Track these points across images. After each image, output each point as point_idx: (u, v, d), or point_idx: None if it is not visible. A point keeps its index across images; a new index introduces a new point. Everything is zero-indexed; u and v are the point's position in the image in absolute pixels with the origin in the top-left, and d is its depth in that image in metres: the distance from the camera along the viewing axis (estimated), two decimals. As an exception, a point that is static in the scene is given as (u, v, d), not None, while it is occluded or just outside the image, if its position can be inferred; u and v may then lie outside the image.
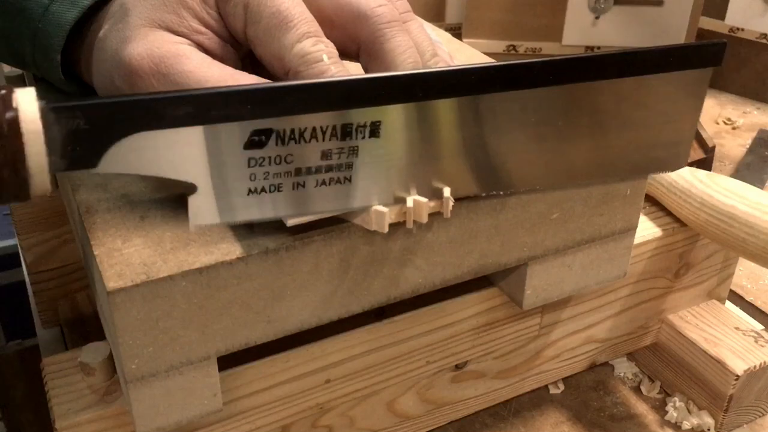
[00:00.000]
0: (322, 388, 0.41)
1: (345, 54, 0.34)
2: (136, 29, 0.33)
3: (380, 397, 0.43)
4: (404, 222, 0.33)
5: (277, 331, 0.34)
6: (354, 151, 0.31)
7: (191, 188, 0.29)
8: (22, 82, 0.60)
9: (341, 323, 0.37)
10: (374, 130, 0.31)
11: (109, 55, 0.33)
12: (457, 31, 0.89)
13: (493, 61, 0.36)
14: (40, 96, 0.27)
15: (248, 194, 0.30)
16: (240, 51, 0.35)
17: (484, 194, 0.35)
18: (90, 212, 0.34)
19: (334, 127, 0.30)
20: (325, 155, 0.31)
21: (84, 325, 0.56)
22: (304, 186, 0.31)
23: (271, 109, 0.29)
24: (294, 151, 0.30)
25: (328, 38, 0.33)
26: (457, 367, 0.45)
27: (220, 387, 0.34)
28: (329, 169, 0.31)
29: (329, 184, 0.31)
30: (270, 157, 0.30)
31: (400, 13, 0.35)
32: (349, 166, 0.31)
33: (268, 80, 0.32)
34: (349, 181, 0.31)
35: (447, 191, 0.33)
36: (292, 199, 0.31)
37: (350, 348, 0.40)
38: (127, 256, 0.31)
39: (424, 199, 0.33)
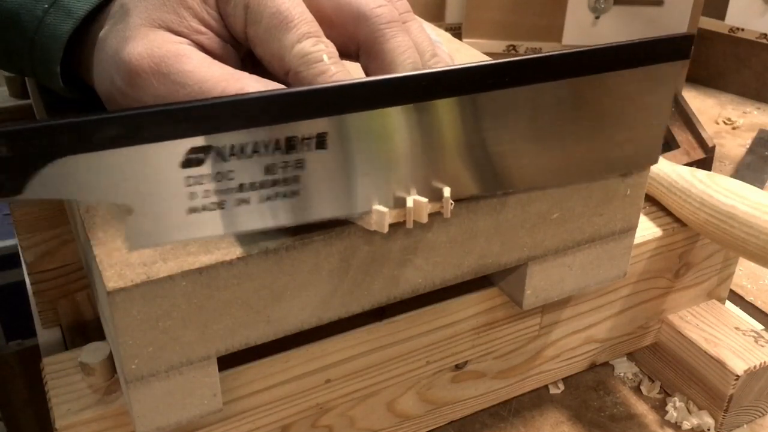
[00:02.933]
0: (322, 388, 0.41)
1: (345, 54, 0.34)
2: (137, 29, 0.33)
3: (380, 397, 0.43)
4: (404, 222, 0.33)
5: (277, 331, 0.34)
6: (300, 164, 0.30)
7: (127, 210, 0.28)
8: (22, 83, 0.60)
9: (341, 323, 0.37)
10: (320, 141, 0.30)
11: (109, 55, 0.33)
12: (457, 31, 0.89)
13: (489, 59, 0.36)
14: None
15: (189, 213, 0.29)
16: (240, 51, 0.35)
17: (476, 195, 0.35)
18: (90, 212, 0.34)
19: (277, 141, 0.29)
20: (269, 170, 0.30)
21: (84, 325, 0.56)
22: (248, 202, 0.30)
23: (207, 125, 0.28)
24: (235, 167, 0.29)
25: (328, 38, 0.33)
26: (457, 367, 0.45)
27: (220, 387, 0.34)
28: (274, 183, 0.30)
29: (275, 198, 0.30)
30: (210, 175, 0.29)
31: (400, 14, 0.35)
32: (296, 179, 0.30)
33: (268, 80, 0.32)
34: (297, 194, 0.31)
35: (447, 191, 0.33)
36: (236, 215, 0.30)
37: (350, 348, 0.40)
38: (127, 256, 0.31)
39: (424, 200, 0.33)
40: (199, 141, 0.28)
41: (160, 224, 0.29)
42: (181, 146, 0.28)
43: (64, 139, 0.26)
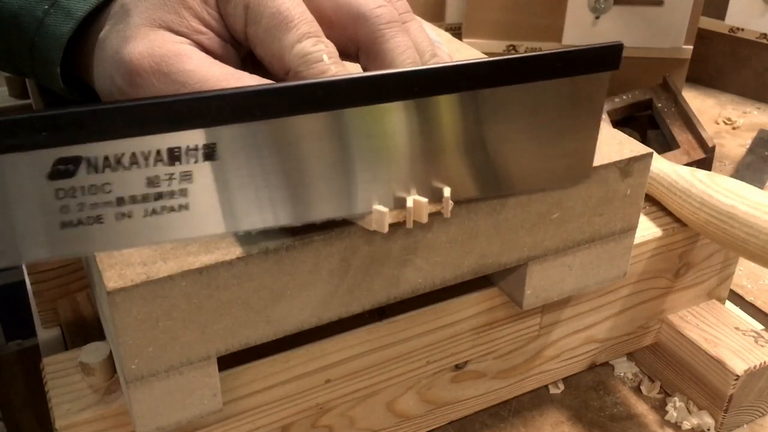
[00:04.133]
0: (322, 388, 0.41)
1: (345, 54, 0.34)
2: (137, 29, 0.33)
3: (380, 397, 0.43)
4: (404, 222, 0.33)
5: (276, 331, 0.34)
6: (187, 177, 0.28)
7: None
8: (22, 83, 0.60)
9: (341, 323, 0.37)
10: (209, 153, 0.28)
11: (109, 55, 0.33)
12: (457, 31, 0.89)
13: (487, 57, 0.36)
14: None
15: (62, 228, 0.27)
16: (240, 51, 0.35)
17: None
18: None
19: (158, 152, 0.27)
20: (152, 182, 0.28)
21: (84, 325, 0.56)
22: (130, 216, 0.28)
23: (76, 134, 0.26)
24: (112, 179, 0.27)
25: (327, 39, 0.33)
26: (457, 367, 0.45)
27: (220, 387, 0.34)
28: (158, 197, 0.28)
29: (162, 212, 0.29)
30: (83, 187, 0.27)
31: (399, 14, 0.35)
32: (183, 192, 0.29)
33: (269, 80, 0.32)
34: (186, 208, 0.29)
35: (447, 191, 0.33)
36: (118, 230, 0.28)
37: (350, 348, 0.40)
38: (127, 256, 0.31)
39: (424, 200, 0.33)
40: (68, 151, 0.26)
41: (34, 238, 0.27)
42: (47, 157, 0.26)
43: None
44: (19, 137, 0.26)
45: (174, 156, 0.28)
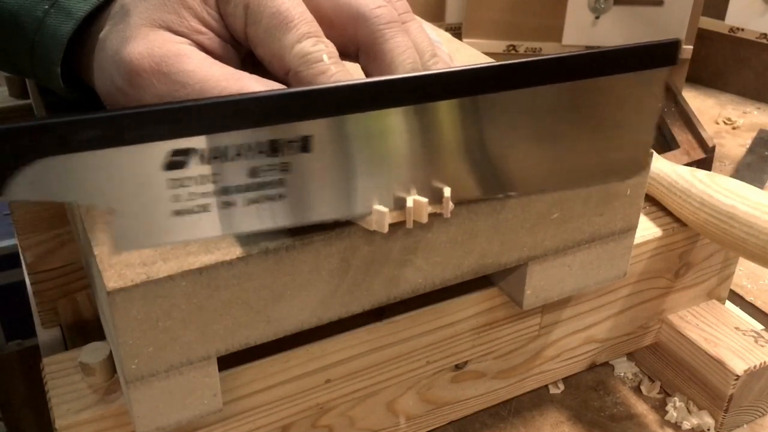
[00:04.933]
0: (322, 388, 0.41)
1: (345, 55, 0.34)
2: (137, 29, 0.33)
3: (380, 397, 0.43)
4: (404, 222, 0.33)
5: (276, 331, 0.34)
6: (285, 168, 0.30)
7: (110, 212, 0.28)
8: (22, 83, 0.60)
9: (341, 323, 0.37)
10: (305, 145, 0.30)
11: (109, 55, 0.33)
12: (457, 31, 0.89)
13: (492, 60, 0.36)
14: None
15: (173, 216, 0.29)
16: (240, 51, 0.35)
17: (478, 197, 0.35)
18: (90, 213, 0.34)
19: (261, 144, 0.29)
20: (254, 173, 0.29)
21: (84, 325, 0.56)
22: (234, 205, 0.30)
23: (189, 128, 0.28)
24: (219, 170, 0.29)
25: (327, 39, 0.33)
26: (457, 367, 0.45)
27: (220, 387, 0.34)
28: (260, 186, 0.30)
29: (261, 201, 0.30)
30: (193, 177, 0.28)
31: (399, 14, 0.35)
32: (281, 182, 0.30)
33: (269, 80, 0.32)
34: (283, 197, 0.31)
35: (447, 191, 0.33)
36: (221, 218, 0.30)
37: (350, 348, 0.40)
38: (127, 256, 0.31)
39: (424, 200, 0.33)
40: (182, 143, 0.28)
41: (146, 227, 0.29)
42: (163, 148, 0.28)
43: (44, 140, 0.26)
44: (139, 129, 0.27)
45: (275, 148, 0.29)
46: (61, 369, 0.37)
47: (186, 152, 0.28)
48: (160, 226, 0.29)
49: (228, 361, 0.36)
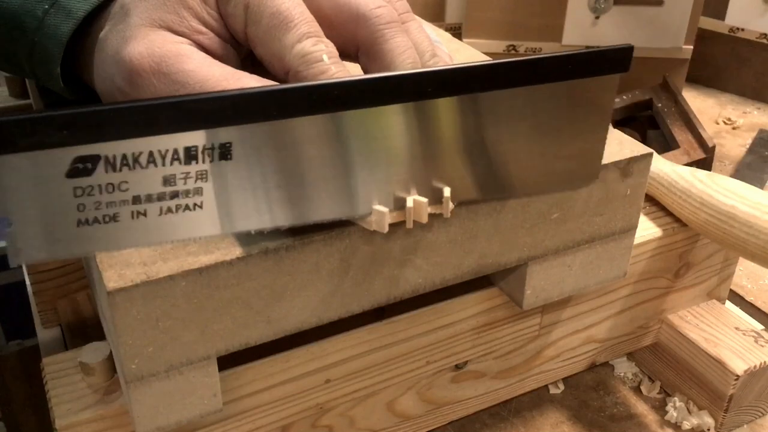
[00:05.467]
0: (322, 388, 0.41)
1: (345, 55, 0.34)
2: (137, 29, 0.33)
3: (380, 397, 0.43)
4: (404, 222, 0.33)
5: (277, 331, 0.34)
6: (203, 176, 0.29)
7: (6, 223, 0.27)
8: (22, 83, 0.60)
9: (341, 323, 0.37)
10: (225, 152, 0.28)
11: (109, 55, 0.33)
12: (457, 31, 0.89)
13: (490, 59, 0.36)
14: None
15: (78, 226, 0.28)
16: (240, 51, 0.35)
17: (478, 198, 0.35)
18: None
19: (175, 151, 0.28)
20: (168, 181, 0.28)
21: (84, 325, 0.56)
22: (145, 214, 0.28)
23: (95, 134, 0.26)
24: (129, 178, 0.27)
25: (327, 38, 0.33)
26: (457, 367, 0.45)
27: (220, 387, 0.34)
28: (174, 195, 0.29)
29: (176, 211, 0.29)
30: (100, 185, 0.27)
31: (399, 14, 0.35)
32: (198, 191, 0.29)
33: (269, 80, 0.32)
34: (201, 207, 0.29)
35: (447, 191, 0.33)
36: (131, 229, 0.28)
37: (350, 348, 0.40)
38: (127, 256, 0.31)
39: (424, 200, 0.33)
40: (87, 150, 0.26)
41: (47, 237, 0.27)
42: (66, 155, 0.26)
43: None
44: (39, 135, 0.26)
45: (191, 155, 0.28)
46: (61, 369, 0.37)
47: (92, 159, 0.27)
48: (64, 237, 0.28)
49: (228, 361, 0.36)
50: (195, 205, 0.29)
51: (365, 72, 0.35)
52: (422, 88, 0.31)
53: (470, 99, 0.32)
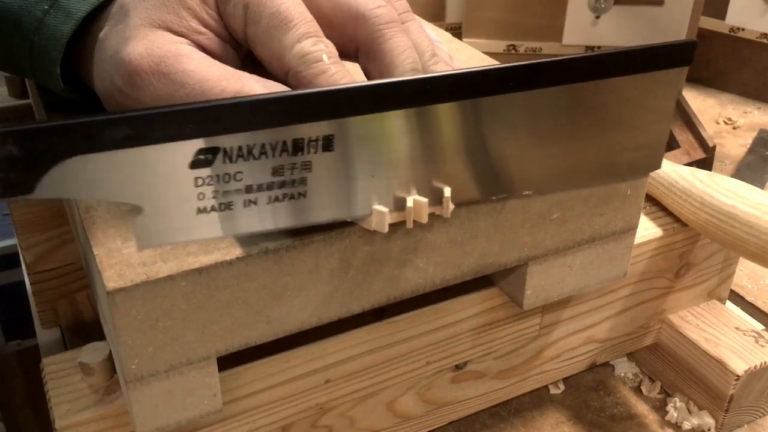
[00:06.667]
0: (322, 388, 0.41)
1: (344, 55, 0.34)
2: (136, 29, 0.32)
3: (380, 397, 0.43)
4: (404, 222, 0.33)
5: (276, 331, 0.34)
6: (307, 166, 0.30)
7: (136, 210, 0.28)
8: (22, 83, 0.60)
9: (341, 323, 0.37)
10: (327, 144, 0.30)
11: (109, 56, 0.33)
12: (457, 31, 0.89)
13: (495, 61, 0.36)
14: None
15: (197, 214, 0.29)
16: (240, 51, 0.35)
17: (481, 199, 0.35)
18: (90, 212, 0.34)
19: (284, 143, 0.29)
20: (277, 171, 0.30)
21: (84, 325, 0.56)
22: (256, 203, 0.30)
23: (215, 127, 0.28)
24: (243, 169, 0.29)
25: (327, 38, 0.33)
26: (457, 367, 0.45)
27: (219, 387, 0.34)
28: (282, 185, 0.30)
29: (283, 199, 0.31)
30: (218, 176, 0.29)
31: (399, 14, 0.35)
32: (303, 181, 0.31)
33: (268, 80, 0.32)
34: (304, 196, 0.31)
35: (447, 191, 0.33)
36: (244, 216, 0.30)
37: (350, 348, 0.40)
38: (126, 256, 0.31)
39: (424, 200, 0.33)
40: (208, 142, 0.28)
41: (170, 224, 0.29)
42: (190, 147, 0.28)
43: (75, 139, 0.26)
44: (168, 129, 0.27)
45: (297, 147, 0.30)
46: (60, 369, 0.37)
47: (212, 151, 0.28)
48: (184, 224, 0.29)
49: (228, 361, 0.36)
50: (299, 194, 0.31)
51: (365, 72, 0.35)
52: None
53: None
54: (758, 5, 0.93)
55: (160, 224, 0.29)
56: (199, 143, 0.28)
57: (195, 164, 0.28)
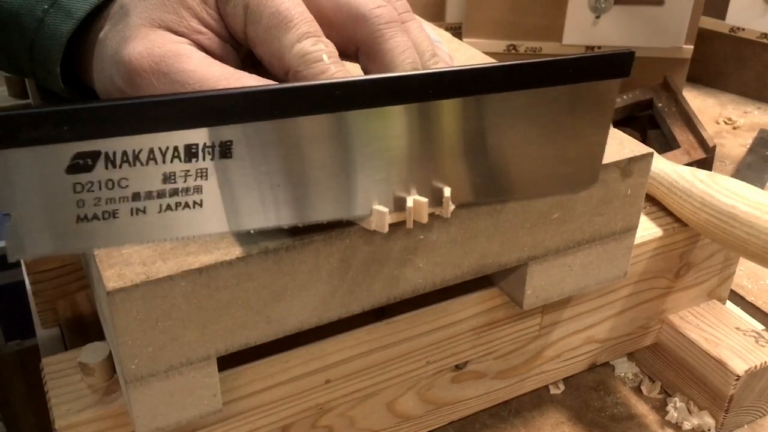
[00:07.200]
0: (321, 388, 0.41)
1: (344, 54, 0.34)
2: (136, 29, 0.32)
3: (380, 397, 0.43)
4: (404, 222, 0.33)
5: (276, 331, 0.34)
6: (203, 174, 0.29)
7: (5, 217, 0.27)
8: (22, 83, 0.60)
9: (341, 323, 0.37)
10: (225, 150, 0.28)
11: (109, 55, 0.33)
12: (457, 31, 0.89)
13: (494, 61, 0.36)
14: None
15: (77, 222, 0.27)
16: (240, 51, 0.35)
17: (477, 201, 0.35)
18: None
19: (175, 148, 0.28)
20: (168, 179, 0.28)
21: (84, 325, 0.56)
22: (144, 212, 0.28)
23: (96, 129, 0.26)
24: (129, 175, 0.27)
25: (327, 38, 0.33)
26: (457, 367, 0.45)
27: (219, 387, 0.34)
28: (174, 193, 0.28)
29: (176, 209, 0.29)
30: (100, 182, 0.27)
31: (399, 14, 0.35)
32: (198, 189, 0.29)
33: (269, 80, 0.32)
34: (200, 205, 0.29)
35: (447, 191, 0.33)
36: (130, 226, 0.28)
37: (350, 348, 0.40)
38: (126, 256, 0.31)
39: (424, 200, 0.33)
40: (87, 145, 0.26)
41: (46, 233, 0.27)
42: (68, 150, 0.26)
43: None
44: (39, 130, 0.26)
45: (191, 153, 0.28)
46: (60, 369, 0.37)
47: (92, 155, 0.27)
48: (62, 233, 0.28)
49: (228, 361, 0.36)
50: (195, 203, 0.29)
51: (365, 72, 0.35)
52: (426, 89, 0.31)
53: (473, 101, 0.32)
54: (758, 5, 0.93)
55: (35, 232, 0.27)
56: (76, 146, 0.26)
57: (73, 169, 0.27)
